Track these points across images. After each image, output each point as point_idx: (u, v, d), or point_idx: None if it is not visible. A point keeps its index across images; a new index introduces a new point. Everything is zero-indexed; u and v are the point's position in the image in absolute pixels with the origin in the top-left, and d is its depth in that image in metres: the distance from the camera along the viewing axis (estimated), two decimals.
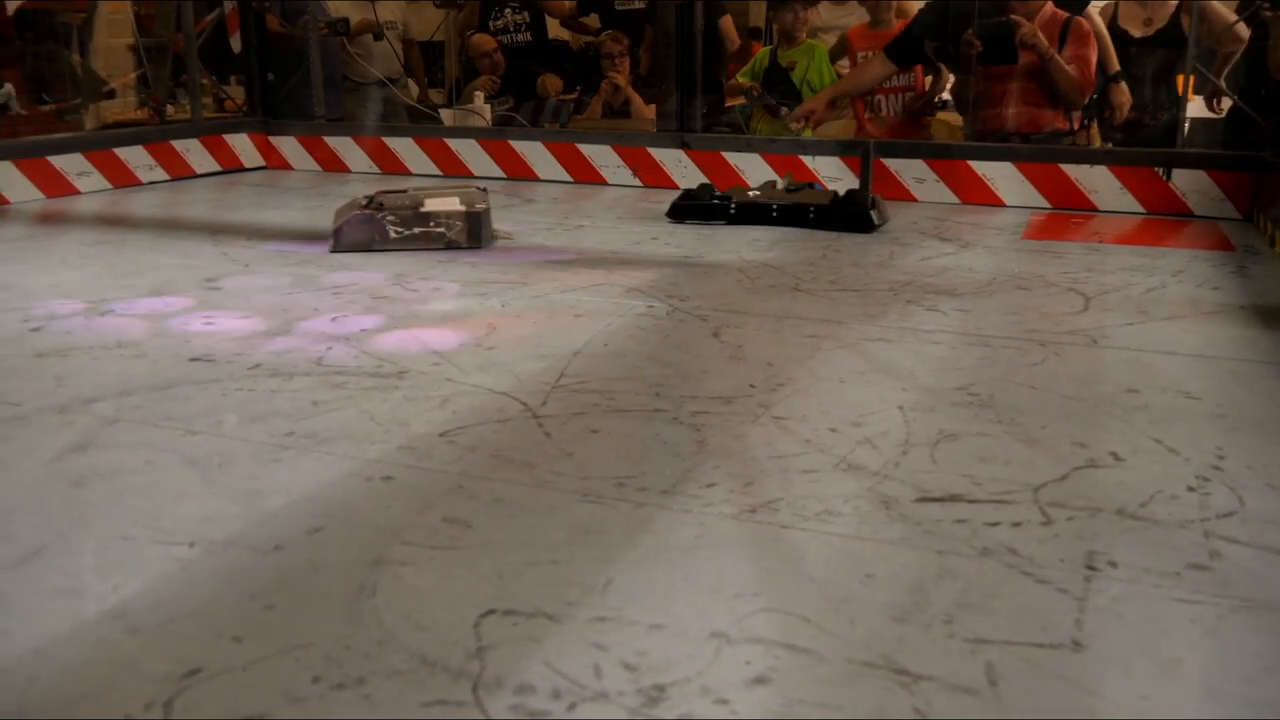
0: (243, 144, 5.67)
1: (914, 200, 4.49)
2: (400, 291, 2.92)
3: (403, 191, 3.67)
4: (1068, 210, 4.29)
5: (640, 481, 1.66)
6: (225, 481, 1.68)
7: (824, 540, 1.47)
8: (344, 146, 5.58)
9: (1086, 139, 4.69)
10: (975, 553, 1.43)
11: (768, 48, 5.39)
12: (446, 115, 5.79)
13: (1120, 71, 4.60)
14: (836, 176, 4.52)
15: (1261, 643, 1.23)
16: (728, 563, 1.41)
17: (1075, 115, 4.54)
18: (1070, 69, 4.34)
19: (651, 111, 5.30)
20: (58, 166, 4.76)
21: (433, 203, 3.54)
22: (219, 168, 5.51)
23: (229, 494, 1.63)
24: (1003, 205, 4.39)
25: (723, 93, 5.63)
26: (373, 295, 2.86)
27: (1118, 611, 1.29)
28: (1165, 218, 4.13)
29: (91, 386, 2.12)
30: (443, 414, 1.97)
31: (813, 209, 3.83)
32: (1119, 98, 4.61)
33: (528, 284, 3.00)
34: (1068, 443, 1.82)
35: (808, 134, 5.07)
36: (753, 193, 4.04)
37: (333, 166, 5.62)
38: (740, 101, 5.30)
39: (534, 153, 5.17)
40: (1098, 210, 4.26)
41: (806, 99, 5.01)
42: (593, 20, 6.27)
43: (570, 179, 5.12)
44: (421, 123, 5.83)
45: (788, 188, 4.05)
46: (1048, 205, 4.34)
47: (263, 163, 5.75)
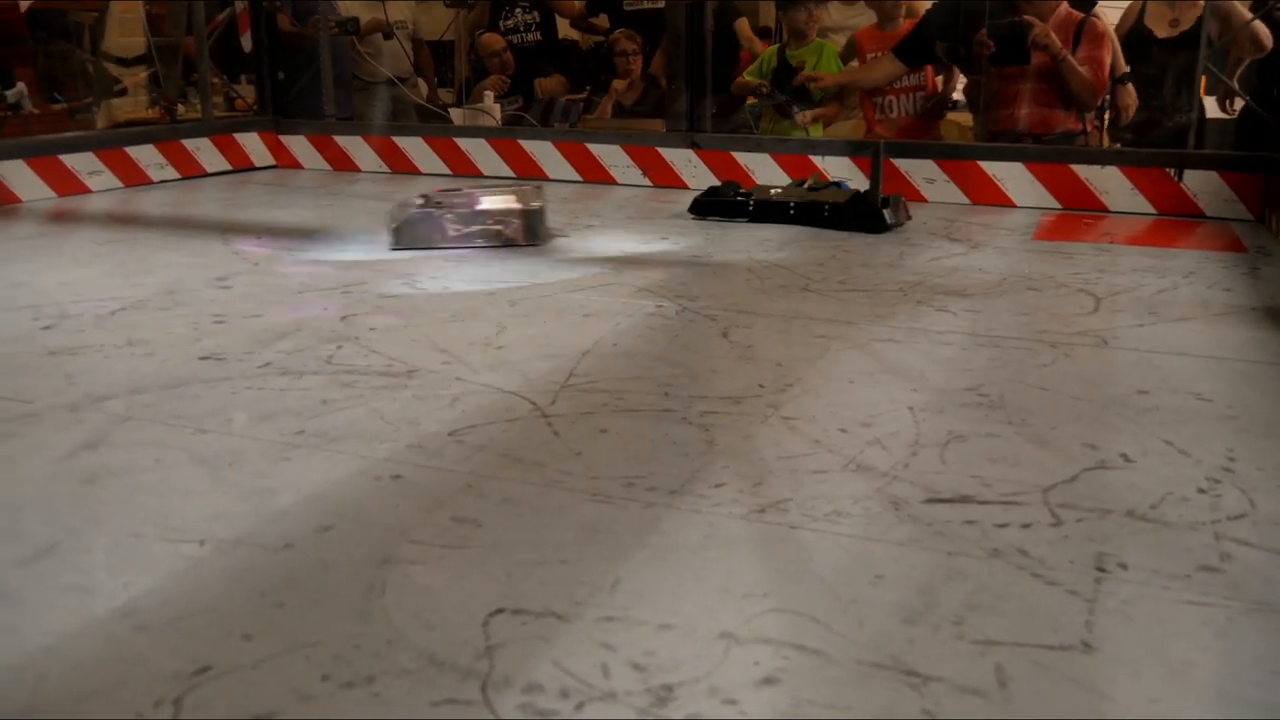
0: (253, 143, 5.68)
1: (924, 201, 4.48)
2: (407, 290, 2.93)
3: (456, 190, 3.71)
4: (1078, 211, 4.27)
5: (649, 481, 1.66)
6: (235, 480, 1.68)
7: (833, 541, 1.47)
8: (354, 145, 5.59)
9: (1099, 140, 4.67)
10: (985, 554, 1.43)
11: (774, 46, 5.35)
12: (456, 115, 5.80)
13: (1127, 73, 4.58)
14: (847, 177, 4.51)
15: (1272, 645, 1.22)
16: (736, 563, 1.41)
17: (1088, 116, 4.52)
18: (1083, 70, 4.33)
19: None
20: (69, 165, 4.78)
21: (489, 200, 3.57)
22: (229, 166, 5.52)
23: (239, 492, 1.64)
24: (1013, 206, 4.38)
25: (742, 94, 5.61)
26: (381, 295, 2.87)
27: (1128, 613, 1.28)
28: (1176, 218, 4.12)
29: (102, 384, 2.13)
30: (452, 413, 1.97)
31: (827, 207, 3.84)
32: (1125, 99, 4.60)
33: (536, 282, 3.01)
34: (1078, 444, 1.82)
35: (816, 132, 5.07)
36: (775, 191, 4.06)
37: (342, 166, 5.63)
38: (753, 101, 5.29)
39: (543, 152, 5.18)
40: (1109, 211, 4.25)
41: (823, 75, 4.99)
42: (602, 20, 6.27)
43: (580, 179, 5.12)
44: (431, 122, 5.83)
45: (811, 186, 4.06)
46: (1058, 206, 4.33)
47: (273, 161, 5.76)
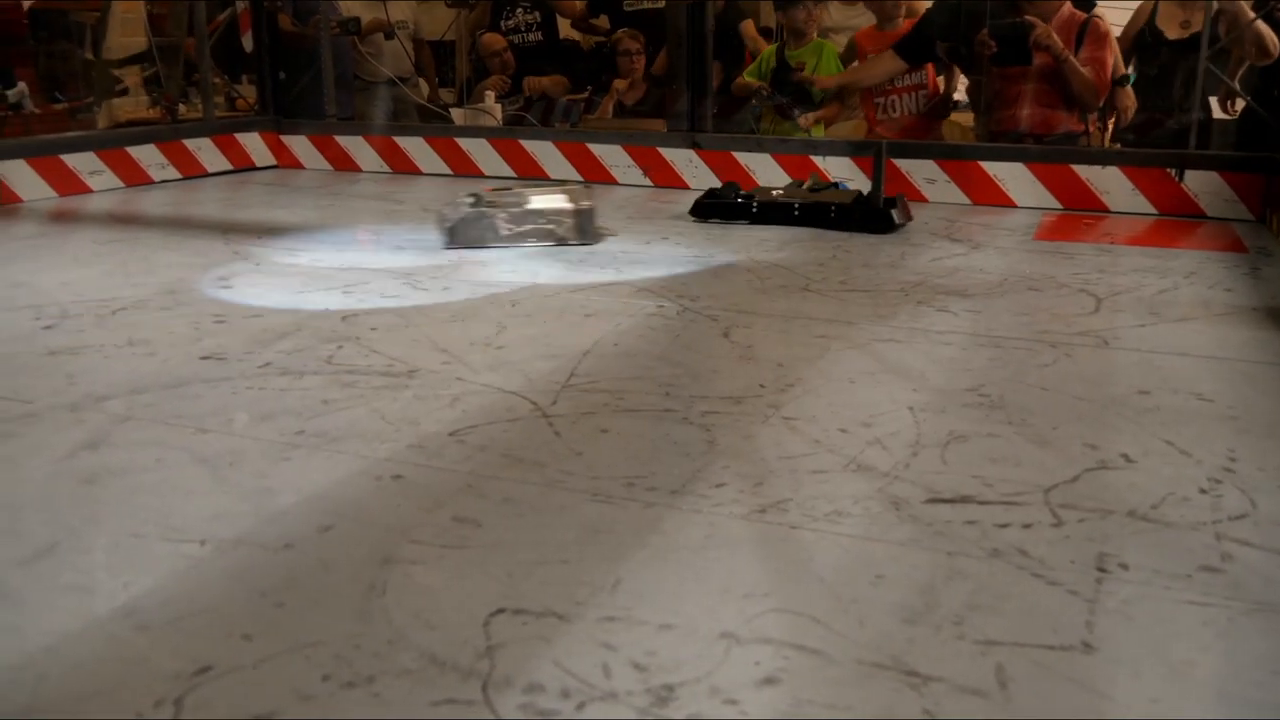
0: (254, 143, 5.68)
1: (925, 201, 4.48)
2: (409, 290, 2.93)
3: (506, 189, 3.74)
4: (1079, 211, 4.27)
5: (650, 481, 1.66)
6: (236, 480, 1.68)
7: (834, 541, 1.47)
8: (355, 145, 5.59)
9: (1101, 140, 4.67)
10: (985, 554, 1.43)
11: (773, 46, 5.33)
12: (457, 114, 5.80)
13: (1127, 75, 4.57)
14: (848, 177, 4.51)
15: (1273, 645, 1.22)
16: (737, 563, 1.41)
17: (1091, 118, 4.52)
18: (1085, 71, 4.32)
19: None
20: (70, 165, 4.78)
21: (539, 200, 3.60)
22: (231, 166, 5.52)
23: (239, 492, 1.64)
24: (1014, 206, 4.38)
25: (742, 95, 5.61)
26: (382, 294, 2.87)
27: (1128, 614, 1.28)
28: (1177, 219, 4.11)
29: (103, 384, 2.13)
30: (453, 413, 1.97)
31: (833, 208, 3.85)
32: (1124, 101, 4.59)
33: (538, 282, 3.01)
34: (1079, 444, 1.82)
35: (818, 132, 5.06)
36: (776, 192, 4.05)
37: (344, 165, 5.63)
38: (755, 102, 5.28)
39: (544, 152, 5.18)
40: (1109, 211, 4.25)
41: (822, 77, 4.98)
42: (603, 21, 6.27)
43: (581, 179, 5.12)
44: (432, 122, 5.84)
45: (811, 187, 4.05)
46: (1059, 206, 4.33)
47: (274, 161, 5.76)
